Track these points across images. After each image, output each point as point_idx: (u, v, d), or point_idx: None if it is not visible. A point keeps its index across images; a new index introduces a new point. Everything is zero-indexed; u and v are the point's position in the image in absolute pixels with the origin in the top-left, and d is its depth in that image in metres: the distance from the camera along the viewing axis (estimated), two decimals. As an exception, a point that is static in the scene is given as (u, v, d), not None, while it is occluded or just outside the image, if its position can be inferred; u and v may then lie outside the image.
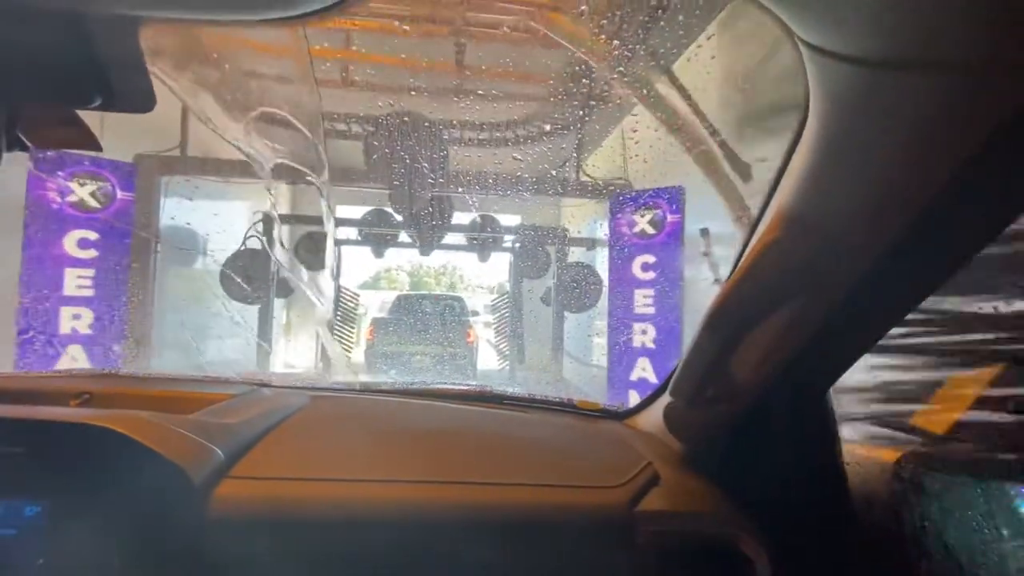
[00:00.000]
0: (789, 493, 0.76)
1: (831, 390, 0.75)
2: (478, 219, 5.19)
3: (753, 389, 0.71)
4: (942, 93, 0.37)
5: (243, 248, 4.72)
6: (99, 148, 0.62)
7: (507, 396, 1.13)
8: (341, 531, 0.67)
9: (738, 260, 0.68)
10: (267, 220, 4.86)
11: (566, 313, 5.42)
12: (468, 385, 1.20)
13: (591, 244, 5.67)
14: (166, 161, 4.71)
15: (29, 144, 0.59)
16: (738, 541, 0.70)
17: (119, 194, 4.40)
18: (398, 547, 0.68)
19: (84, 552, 0.61)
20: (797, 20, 0.38)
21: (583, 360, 5.81)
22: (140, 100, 0.55)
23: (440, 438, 0.88)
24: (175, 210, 4.75)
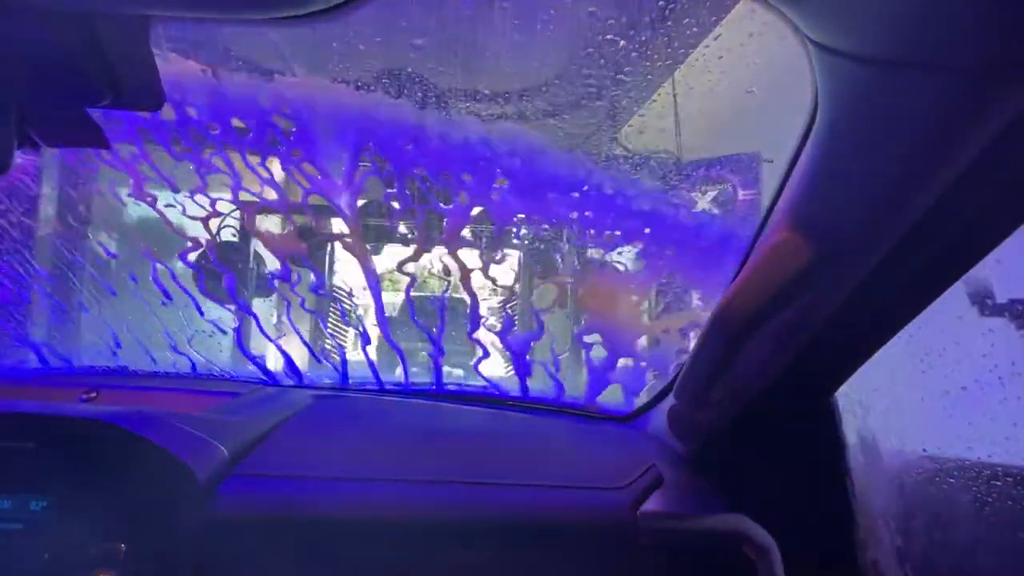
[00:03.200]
0: (793, 495, 0.76)
1: (836, 393, 0.75)
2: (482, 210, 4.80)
3: (758, 392, 0.71)
4: (950, 94, 0.36)
5: (217, 240, 4.24)
6: (108, 146, 0.62)
7: (511, 397, 1.13)
8: (344, 530, 0.67)
9: (744, 261, 0.68)
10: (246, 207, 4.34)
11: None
12: (473, 386, 1.20)
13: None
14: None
15: (39, 141, 0.59)
16: (741, 543, 0.69)
17: (18, 157, 3.58)
18: (401, 546, 0.68)
19: (89, 547, 0.61)
20: (805, 20, 0.38)
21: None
22: (150, 98, 0.55)
23: (444, 438, 0.88)
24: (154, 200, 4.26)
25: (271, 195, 1.22)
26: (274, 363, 1.23)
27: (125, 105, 0.56)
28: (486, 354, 1.16)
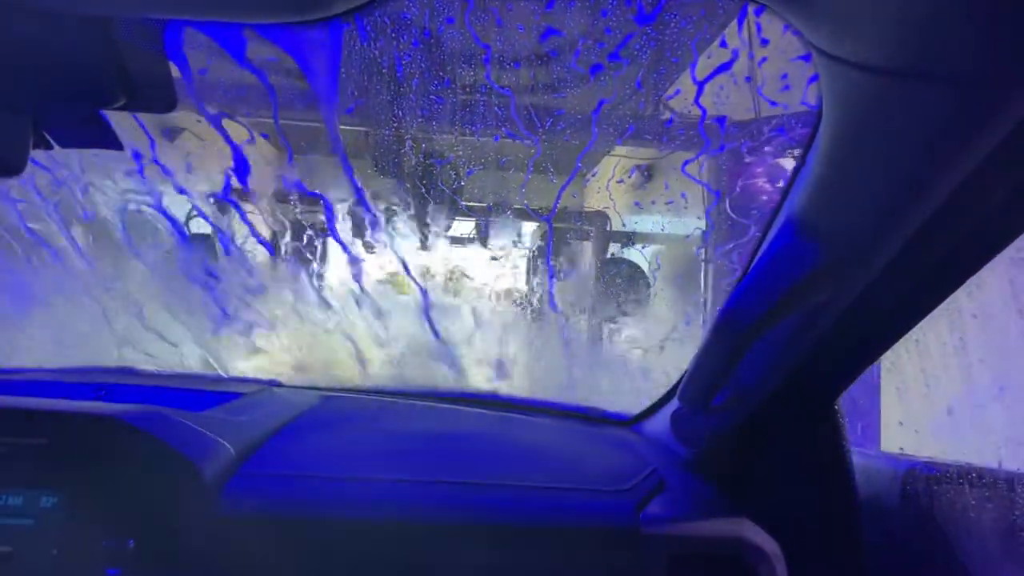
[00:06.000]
0: (796, 500, 0.76)
1: (840, 398, 0.75)
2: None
3: (762, 396, 0.71)
4: (954, 102, 0.37)
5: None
6: (120, 147, 0.63)
7: (515, 400, 1.14)
8: (348, 530, 0.68)
9: (748, 265, 0.68)
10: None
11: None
12: (478, 389, 1.21)
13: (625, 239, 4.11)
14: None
15: (53, 142, 0.60)
16: (743, 547, 0.69)
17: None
18: (404, 547, 0.69)
19: (97, 543, 0.61)
20: (812, 28, 0.39)
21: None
22: (162, 100, 0.56)
23: (448, 441, 0.88)
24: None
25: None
26: (279, 363, 1.24)
27: (138, 107, 0.57)
28: (491, 356, 1.17)
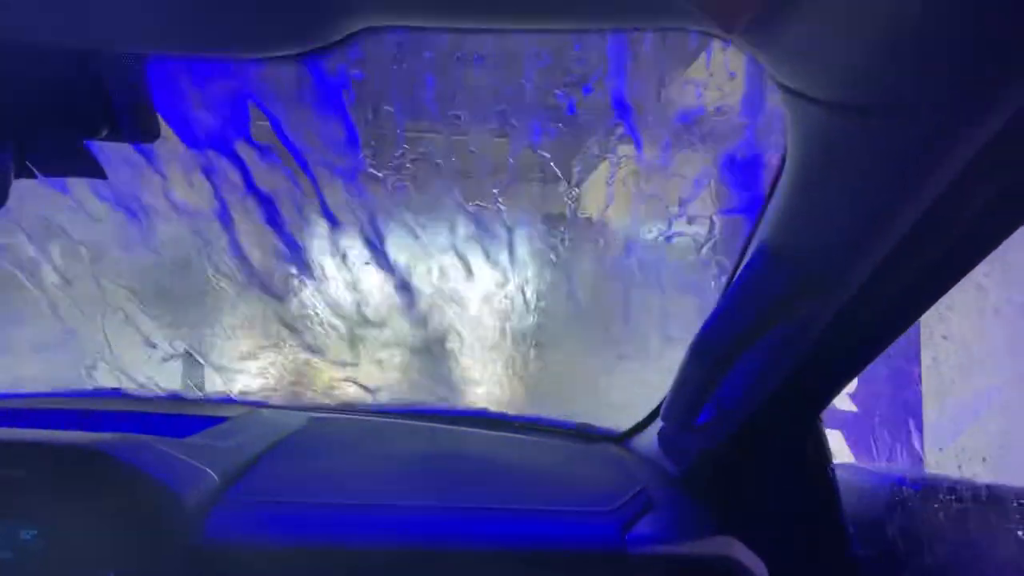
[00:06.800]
0: (782, 516, 0.76)
1: (823, 413, 0.76)
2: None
3: (745, 412, 0.72)
4: (913, 137, 0.38)
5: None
6: (104, 176, 0.64)
7: (505, 418, 1.13)
8: (333, 558, 0.67)
9: (728, 282, 0.69)
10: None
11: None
12: (467, 407, 1.20)
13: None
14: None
15: (37, 172, 0.61)
16: (730, 567, 0.69)
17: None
18: (392, 574, 0.68)
19: None
20: (776, 64, 0.40)
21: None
22: (146, 131, 0.57)
23: (437, 462, 0.88)
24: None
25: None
26: (264, 384, 1.22)
27: (122, 137, 0.57)
28: (477, 368, 1.15)
